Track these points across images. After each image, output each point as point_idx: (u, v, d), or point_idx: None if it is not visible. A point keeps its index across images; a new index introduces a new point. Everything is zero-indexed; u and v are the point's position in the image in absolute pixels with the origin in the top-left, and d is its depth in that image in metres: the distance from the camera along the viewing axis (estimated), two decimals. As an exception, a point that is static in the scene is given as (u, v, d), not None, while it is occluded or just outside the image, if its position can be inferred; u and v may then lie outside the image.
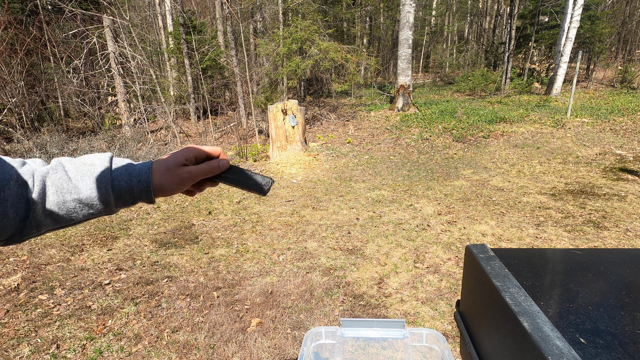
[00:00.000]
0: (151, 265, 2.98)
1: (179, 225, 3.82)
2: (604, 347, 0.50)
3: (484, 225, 3.59)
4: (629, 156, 5.78)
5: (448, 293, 2.50)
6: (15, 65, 8.03)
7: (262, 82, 11.28)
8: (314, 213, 4.09)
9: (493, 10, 21.83)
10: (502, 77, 13.30)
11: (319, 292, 2.56)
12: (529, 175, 5.23)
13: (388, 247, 3.22)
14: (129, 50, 8.09)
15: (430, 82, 17.80)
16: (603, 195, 4.28)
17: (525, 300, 0.58)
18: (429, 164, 6.08)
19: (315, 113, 10.09)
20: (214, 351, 2.02)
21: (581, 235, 3.30)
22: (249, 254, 3.17)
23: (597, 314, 0.57)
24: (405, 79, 9.46)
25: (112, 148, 6.61)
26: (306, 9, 10.06)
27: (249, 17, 13.98)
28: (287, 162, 6.43)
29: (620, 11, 16.98)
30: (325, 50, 8.97)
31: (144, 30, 15.02)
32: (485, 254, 0.76)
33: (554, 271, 0.73)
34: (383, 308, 2.37)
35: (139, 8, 16.27)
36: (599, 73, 15.19)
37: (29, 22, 9.26)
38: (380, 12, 19.91)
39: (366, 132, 8.37)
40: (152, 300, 2.49)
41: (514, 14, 12.74)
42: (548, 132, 7.25)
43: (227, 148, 7.93)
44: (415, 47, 19.99)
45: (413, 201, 4.36)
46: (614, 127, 7.40)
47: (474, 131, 7.51)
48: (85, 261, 3.04)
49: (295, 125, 6.67)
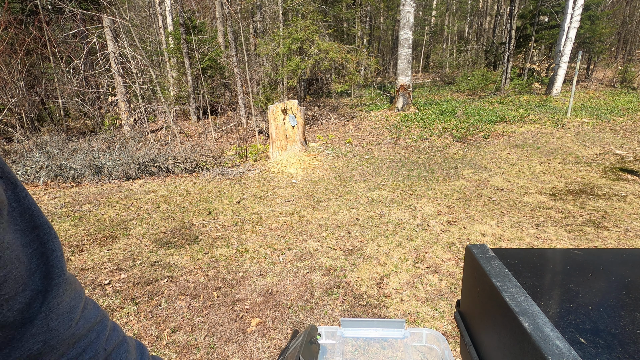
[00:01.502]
0: (151, 265, 2.98)
1: (179, 225, 3.82)
2: (604, 347, 0.50)
3: (484, 225, 3.59)
4: (629, 156, 5.78)
5: (448, 293, 2.50)
6: (15, 65, 8.03)
7: (262, 82, 11.28)
8: (314, 213, 4.09)
9: (493, 10, 21.84)
10: (502, 77, 13.30)
11: (319, 292, 2.56)
12: (529, 175, 5.23)
13: (388, 247, 3.22)
14: (129, 50, 8.09)
15: (430, 82, 17.80)
16: (603, 195, 4.28)
17: (525, 300, 0.58)
18: (429, 164, 6.08)
19: (315, 113, 10.09)
20: (214, 351, 2.02)
21: (581, 235, 3.30)
22: (249, 254, 3.17)
23: (597, 314, 0.57)
24: (405, 79, 9.46)
25: (112, 148, 6.62)
26: (306, 9, 10.06)
27: (249, 17, 13.98)
28: (287, 162, 6.43)
29: (620, 11, 16.98)
30: (325, 50, 8.97)
31: (144, 30, 15.01)
32: (485, 254, 0.76)
33: (554, 271, 0.73)
34: (383, 308, 2.37)
35: (139, 8, 16.27)
36: (599, 73, 15.19)
37: (29, 22, 9.26)
38: (380, 12, 19.91)
39: (366, 132, 8.37)
40: (152, 300, 2.49)
41: (514, 14, 12.74)
42: (548, 132, 7.25)
43: (227, 148, 7.93)
44: (415, 47, 20.00)
45: (413, 201, 4.36)
46: (614, 127, 7.40)
47: (474, 131, 7.51)
48: (85, 261, 3.04)
49: (295, 125, 6.67)
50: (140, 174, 5.80)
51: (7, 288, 0.31)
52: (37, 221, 0.36)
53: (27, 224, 0.35)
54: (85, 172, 5.50)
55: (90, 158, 5.71)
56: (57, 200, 4.52)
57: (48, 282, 0.36)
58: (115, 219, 3.99)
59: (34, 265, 0.35)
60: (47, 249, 0.36)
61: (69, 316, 0.38)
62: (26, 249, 0.34)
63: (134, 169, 5.71)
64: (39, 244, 0.36)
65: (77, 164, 5.55)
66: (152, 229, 3.72)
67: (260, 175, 5.85)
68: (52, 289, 0.36)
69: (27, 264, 0.34)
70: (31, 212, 0.36)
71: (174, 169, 6.03)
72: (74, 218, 3.97)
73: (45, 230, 0.37)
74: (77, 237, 3.51)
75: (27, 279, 0.34)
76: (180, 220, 3.97)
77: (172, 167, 6.02)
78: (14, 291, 0.32)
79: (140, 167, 5.83)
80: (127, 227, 3.76)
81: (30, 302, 0.34)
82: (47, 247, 0.36)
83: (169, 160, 6.06)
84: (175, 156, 6.15)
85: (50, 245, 0.37)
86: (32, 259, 0.35)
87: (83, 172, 5.49)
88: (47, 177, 5.34)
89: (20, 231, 0.34)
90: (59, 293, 0.37)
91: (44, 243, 0.36)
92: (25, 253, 0.34)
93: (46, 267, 0.36)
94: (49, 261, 0.36)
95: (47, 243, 0.36)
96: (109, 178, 5.56)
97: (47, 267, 0.36)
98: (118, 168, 5.63)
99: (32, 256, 0.35)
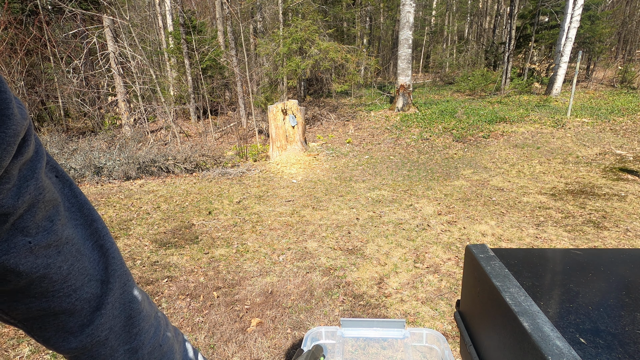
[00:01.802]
0: (151, 265, 2.98)
1: (179, 225, 3.82)
2: (604, 347, 0.50)
3: (484, 225, 3.59)
4: (629, 156, 5.78)
5: (448, 293, 2.50)
6: (15, 65, 8.03)
7: (262, 82, 11.28)
8: (314, 213, 4.09)
9: (493, 10, 21.83)
10: (502, 77, 13.30)
11: (319, 292, 2.56)
12: (529, 175, 5.23)
13: (388, 247, 3.22)
14: (129, 50, 8.09)
15: (430, 82, 17.80)
16: (603, 195, 4.28)
17: (525, 300, 0.58)
18: (429, 164, 6.08)
19: (315, 113, 10.10)
20: (214, 351, 2.02)
21: (581, 235, 3.30)
22: (249, 254, 3.17)
23: (597, 314, 0.57)
24: (405, 79, 9.46)
25: (112, 148, 6.62)
26: (306, 9, 10.06)
27: (249, 17, 13.98)
28: (287, 162, 6.43)
29: (620, 11, 16.97)
30: (325, 50, 8.97)
31: (144, 30, 15.01)
32: (485, 254, 0.76)
33: (554, 271, 0.73)
34: (383, 308, 2.37)
35: (139, 8, 16.27)
36: (599, 73, 15.19)
37: (29, 22, 9.26)
38: (380, 12, 19.91)
39: (366, 132, 8.37)
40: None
41: (514, 14, 12.74)
42: (548, 132, 7.25)
43: (227, 148, 7.93)
44: (415, 47, 19.99)
45: (413, 201, 4.36)
46: (614, 127, 7.40)
47: (474, 131, 7.51)
48: (85, 261, 3.04)
49: (295, 125, 6.67)
50: (140, 174, 5.80)
51: (72, 279, 0.33)
52: (93, 216, 0.37)
53: (86, 219, 0.37)
54: (85, 172, 5.50)
55: (90, 158, 5.72)
56: (57, 200, 4.52)
57: (111, 273, 0.37)
58: (115, 219, 3.99)
59: (96, 256, 0.37)
60: (107, 242, 0.38)
61: (130, 306, 0.39)
62: (87, 241, 0.36)
63: (134, 169, 5.71)
64: (97, 237, 0.37)
65: (77, 164, 5.55)
66: (152, 229, 3.72)
67: (260, 175, 5.85)
68: (116, 280, 0.38)
69: (89, 256, 0.36)
70: (88, 207, 0.37)
71: (174, 169, 6.04)
72: (74, 218, 3.97)
73: (101, 224, 0.38)
74: (77, 237, 3.51)
75: (92, 270, 0.36)
76: (180, 220, 3.97)
77: (172, 167, 6.02)
78: (80, 282, 0.34)
79: (140, 167, 5.83)
80: (127, 227, 3.76)
81: (96, 292, 0.36)
82: (106, 240, 0.38)
83: (169, 160, 6.06)
84: (175, 156, 6.15)
85: (108, 239, 0.38)
86: (94, 252, 0.36)
87: (83, 172, 5.49)
88: (47, 177, 5.33)
89: (81, 225, 0.36)
90: (121, 284, 0.38)
91: (102, 236, 0.38)
92: (87, 246, 0.36)
93: (106, 259, 0.37)
94: (109, 253, 0.38)
95: (106, 236, 0.38)
96: (109, 178, 5.56)
97: (108, 258, 0.38)
98: (118, 168, 5.63)
99: (93, 249, 0.37)
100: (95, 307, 0.36)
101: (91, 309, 0.35)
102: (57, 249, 0.32)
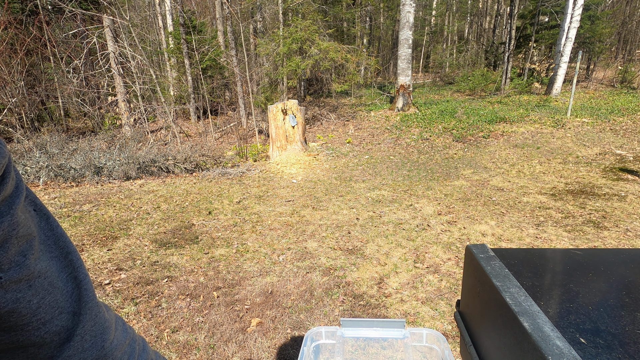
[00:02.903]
0: (151, 265, 2.98)
1: (179, 225, 3.82)
2: (604, 347, 0.50)
3: (484, 225, 3.59)
4: (629, 156, 5.78)
5: (448, 293, 2.50)
6: (15, 65, 8.03)
7: (262, 82, 11.28)
8: (314, 213, 4.09)
9: (493, 10, 21.83)
10: (502, 77, 13.30)
11: (319, 292, 2.56)
12: (529, 175, 5.23)
13: (388, 247, 3.22)
14: (129, 50, 8.09)
15: (430, 82, 17.80)
16: (603, 195, 4.28)
17: (525, 300, 0.58)
18: (429, 164, 6.08)
19: (315, 113, 10.09)
20: (214, 351, 2.02)
21: (581, 235, 3.30)
22: (249, 254, 3.17)
23: (597, 314, 0.57)
24: (405, 79, 9.46)
25: (112, 148, 6.61)
26: (306, 9, 10.06)
27: (249, 17, 13.97)
28: (287, 162, 6.43)
29: (620, 11, 16.97)
30: (325, 50, 8.97)
31: (144, 30, 15.01)
32: (485, 254, 0.76)
33: (554, 271, 0.73)
34: (383, 308, 2.37)
35: (139, 8, 16.27)
36: (599, 73, 15.19)
37: (29, 22, 9.26)
38: (380, 12, 19.91)
39: (366, 132, 8.37)
40: (152, 300, 2.49)
41: (514, 14, 12.74)
42: (548, 132, 7.25)
43: (227, 148, 7.93)
44: (415, 47, 20.00)
45: (413, 201, 4.36)
46: (614, 127, 7.40)
47: (474, 131, 7.51)
48: (85, 261, 3.04)
49: (295, 125, 6.67)
50: (140, 174, 5.80)
51: (42, 313, 0.33)
52: (69, 248, 0.38)
53: (61, 251, 0.37)
54: (85, 172, 5.50)
55: (90, 158, 5.71)
56: (57, 200, 4.52)
57: (82, 305, 0.38)
58: (115, 219, 3.99)
59: (69, 289, 0.37)
60: (80, 274, 0.38)
61: (102, 337, 0.40)
62: (62, 274, 0.36)
63: (134, 169, 5.71)
64: (72, 268, 0.38)
65: (77, 164, 5.55)
66: (152, 229, 3.72)
67: (260, 175, 5.85)
68: (87, 312, 0.38)
69: (62, 289, 0.36)
70: (64, 240, 0.38)
71: (174, 169, 6.03)
72: (74, 218, 3.98)
73: (76, 257, 0.38)
74: (77, 237, 3.51)
75: (63, 303, 0.36)
76: (180, 220, 3.97)
77: (172, 167, 6.02)
78: (50, 315, 0.34)
79: (140, 167, 5.83)
80: (127, 227, 3.76)
81: (66, 325, 0.36)
82: (79, 271, 0.38)
83: (169, 160, 6.06)
84: (175, 156, 6.15)
85: (82, 270, 0.39)
86: (68, 284, 0.37)
87: (83, 172, 5.49)
88: (47, 177, 5.35)
89: (56, 258, 0.36)
90: (92, 316, 0.39)
91: (77, 268, 0.38)
92: (61, 278, 0.36)
93: (80, 291, 0.38)
94: (82, 285, 0.38)
95: (80, 268, 0.38)
96: (109, 178, 5.56)
97: (81, 290, 0.38)
98: (118, 168, 5.63)
99: (67, 281, 0.37)
100: (65, 338, 0.35)
101: (60, 341, 0.35)
102: (29, 283, 0.32)
